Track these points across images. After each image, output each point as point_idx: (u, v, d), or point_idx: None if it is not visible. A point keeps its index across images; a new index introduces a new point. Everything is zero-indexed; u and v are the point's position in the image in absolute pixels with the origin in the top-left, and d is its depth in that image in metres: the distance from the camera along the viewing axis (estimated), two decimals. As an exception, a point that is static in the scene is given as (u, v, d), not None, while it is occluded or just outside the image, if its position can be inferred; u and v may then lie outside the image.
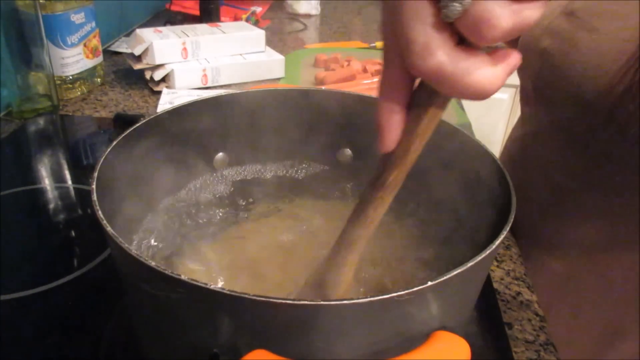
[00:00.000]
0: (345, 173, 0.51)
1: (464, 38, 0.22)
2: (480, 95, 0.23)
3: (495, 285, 0.49)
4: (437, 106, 0.26)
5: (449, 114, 0.84)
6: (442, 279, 0.26)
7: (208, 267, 0.42)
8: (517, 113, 0.65)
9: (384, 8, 0.25)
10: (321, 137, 0.50)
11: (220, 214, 0.47)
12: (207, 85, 0.88)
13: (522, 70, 0.57)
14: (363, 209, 0.31)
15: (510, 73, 0.23)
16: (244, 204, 0.49)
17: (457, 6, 0.20)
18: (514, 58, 0.23)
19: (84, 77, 0.85)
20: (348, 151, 0.52)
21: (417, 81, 0.26)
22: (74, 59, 0.82)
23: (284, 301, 0.25)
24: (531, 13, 0.21)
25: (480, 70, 0.22)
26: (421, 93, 0.26)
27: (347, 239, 0.32)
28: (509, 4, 0.20)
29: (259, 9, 1.30)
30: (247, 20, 1.20)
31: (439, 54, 0.22)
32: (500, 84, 0.23)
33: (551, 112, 0.53)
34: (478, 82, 0.22)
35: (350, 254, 0.32)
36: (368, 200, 0.30)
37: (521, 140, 0.61)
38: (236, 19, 1.20)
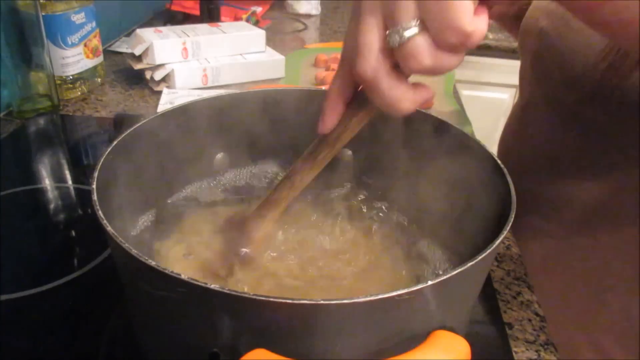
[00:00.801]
0: (345, 173, 0.51)
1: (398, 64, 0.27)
2: (395, 112, 0.28)
3: (496, 285, 0.49)
4: (368, 110, 0.32)
5: (449, 114, 0.84)
6: (442, 279, 0.26)
7: (208, 267, 0.42)
8: (517, 113, 0.66)
9: (351, 16, 0.30)
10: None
11: (221, 214, 0.47)
12: (208, 85, 0.88)
13: (522, 50, 0.62)
14: (291, 175, 0.37)
15: (422, 102, 0.29)
16: (244, 204, 0.49)
17: (396, 38, 0.26)
18: (428, 92, 0.29)
19: (85, 77, 0.85)
20: (348, 151, 0.52)
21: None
22: (74, 59, 0.82)
23: (284, 301, 0.25)
24: (449, 61, 0.26)
25: (403, 93, 0.28)
26: (360, 96, 0.32)
27: (273, 198, 0.39)
28: (434, 50, 0.26)
29: (259, 9, 1.30)
30: (247, 20, 1.20)
31: (379, 67, 0.27)
32: (413, 109, 0.29)
33: (545, 87, 0.57)
34: (399, 102, 0.28)
35: (272, 211, 0.39)
36: (298, 169, 0.37)
37: (519, 113, 0.65)
38: (236, 19, 1.20)
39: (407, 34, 0.26)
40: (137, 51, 0.85)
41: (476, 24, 0.25)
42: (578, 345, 0.54)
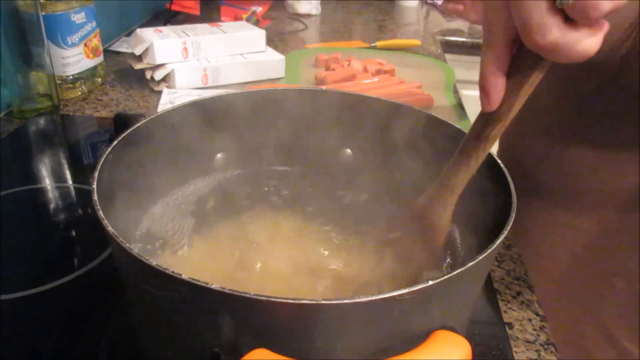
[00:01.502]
0: (345, 173, 0.51)
1: (569, 16, 0.27)
2: (585, 58, 0.28)
3: (496, 285, 0.49)
4: (540, 70, 0.31)
5: (449, 114, 0.84)
6: (442, 279, 0.26)
7: (209, 267, 0.42)
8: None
9: None
10: (321, 137, 0.50)
11: (221, 214, 0.47)
12: (208, 85, 0.88)
13: None
14: (465, 158, 0.35)
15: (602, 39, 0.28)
16: (244, 204, 0.49)
17: None
18: (606, 26, 0.28)
19: (85, 76, 0.85)
20: (348, 151, 0.52)
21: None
22: (74, 58, 0.82)
23: (284, 300, 0.25)
24: (617, 4, 0.26)
25: (585, 40, 0.27)
26: (523, 61, 0.31)
27: (450, 185, 0.37)
28: None
29: (259, 9, 1.30)
30: (247, 20, 1.20)
31: (554, 32, 0.27)
32: (598, 48, 0.28)
33: (562, 73, 0.58)
34: (584, 49, 0.27)
35: (451, 196, 0.37)
36: (470, 151, 0.35)
37: (526, 102, 0.68)
38: (237, 18, 1.20)
39: None
40: (137, 51, 0.85)
41: None
42: (583, 328, 0.56)
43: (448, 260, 0.42)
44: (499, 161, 0.37)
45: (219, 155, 0.50)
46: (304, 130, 0.50)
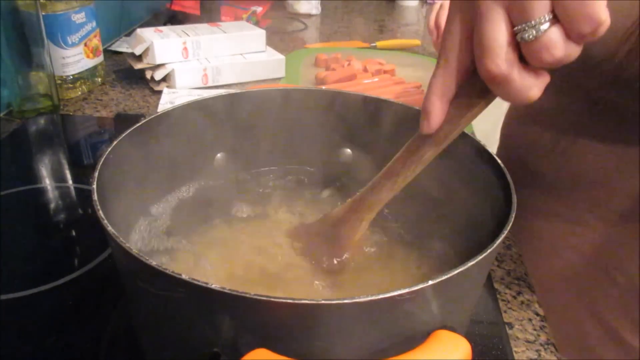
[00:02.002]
0: (346, 173, 0.51)
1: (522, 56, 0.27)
2: (524, 101, 0.28)
3: (496, 285, 0.49)
4: (484, 104, 0.31)
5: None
6: (442, 279, 0.26)
7: (208, 267, 0.42)
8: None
9: (454, 5, 0.30)
10: (321, 137, 0.50)
11: (221, 214, 0.47)
12: (208, 85, 0.88)
13: None
14: (391, 177, 0.35)
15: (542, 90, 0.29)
16: (244, 203, 0.49)
17: (532, 32, 0.26)
18: (547, 78, 0.28)
19: (85, 76, 0.85)
20: (348, 151, 0.52)
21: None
22: (74, 58, 0.82)
23: (284, 300, 0.25)
24: (576, 51, 0.27)
25: (533, 82, 0.28)
26: (470, 91, 0.31)
27: (371, 200, 0.37)
28: (566, 41, 0.26)
29: (259, 9, 1.30)
30: (247, 19, 1.20)
31: (511, 67, 0.27)
32: (536, 98, 0.29)
33: (562, 73, 0.59)
34: (533, 95, 0.28)
35: (369, 213, 0.38)
36: (399, 170, 0.35)
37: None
38: (237, 18, 1.20)
39: (543, 27, 0.26)
40: (138, 51, 0.85)
41: (607, 11, 0.25)
42: (584, 323, 0.56)
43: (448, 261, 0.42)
44: (499, 161, 0.37)
45: (219, 155, 0.50)
46: (304, 130, 0.50)
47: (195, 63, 0.87)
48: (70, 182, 0.63)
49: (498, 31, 0.27)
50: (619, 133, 0.54)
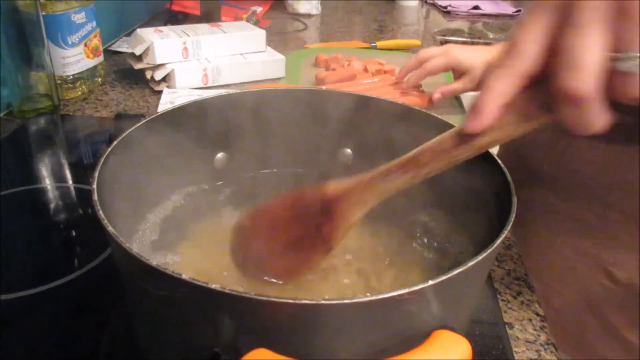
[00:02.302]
0: (345, 173, 0.51)
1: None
2: (583, 132, 0.26)
3: (496, 285, 0.49)
4: (543, 119, 0.28)
5: (449, 114, 0.84)
6: (442, 279, 0.26)
7: (208, 267, 0.42)
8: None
9: (540, 7, 0.27)
10: (321, 137, 0.50)
11: (221, 214, 0.47)
12: (208, 85, 0.88)
13: None
14: (414, 168, 0.32)
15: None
16: (244, 204, 0.49)
17: (630, 64, 0.24)
18: (611, 116, 0.26)
19: (85, 76, 0.85)
20: (348, 151, 0.52)
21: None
22: (74, 58, 0.82)
23: (285, 300, 0.25)
24: None
25: (603, 116, 0.26)
26: (530, 101, 0.28)
27: (381, 187, 0.34)
28: None
29: (259, 9, 1.30)
30: (247, 20, 1.20)
31: (596, 90, 0.25)
32: (597, 131, 0.27)
33: None
34: (598, 128, 0.26)
35: (376, 199, 0.35)
36: (426, 162, 0.32)
37: None
38: (237, 18, 1.20)
39: None
40: (138, 51, 0.85)
41: None
42: (583, 320, 0.56)
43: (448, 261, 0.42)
44: (499, 161, 0.37)
45: (219, 155, 0.50)
46: (304, 130, 0.50)
47: (195, 63, 0.87)
48: (70, 182, 0.63)
49: (593, 49, 0.24)
50: (619, 132, 0.54)
